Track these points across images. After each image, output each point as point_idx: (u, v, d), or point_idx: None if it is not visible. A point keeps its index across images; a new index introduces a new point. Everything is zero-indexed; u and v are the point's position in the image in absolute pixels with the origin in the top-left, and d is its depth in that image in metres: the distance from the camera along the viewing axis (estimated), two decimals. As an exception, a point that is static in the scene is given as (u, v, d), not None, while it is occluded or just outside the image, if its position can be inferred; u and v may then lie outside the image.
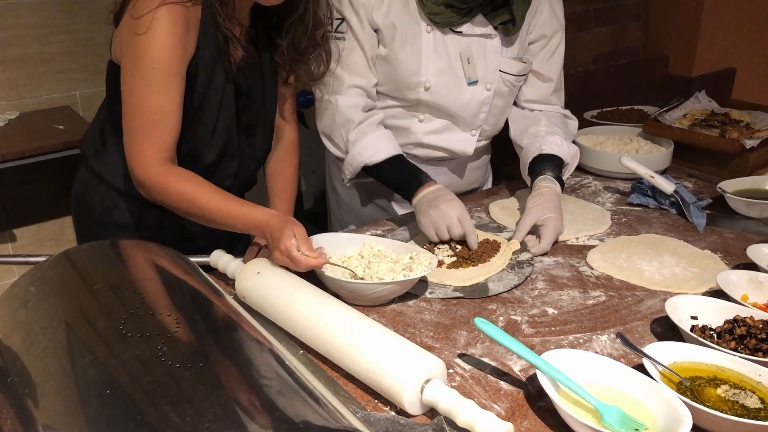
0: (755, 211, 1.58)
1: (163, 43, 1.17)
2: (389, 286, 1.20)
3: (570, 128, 1.72)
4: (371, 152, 1.50)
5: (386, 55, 1.53)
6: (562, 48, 1.68)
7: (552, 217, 1.45)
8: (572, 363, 0.96)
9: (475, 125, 1.64)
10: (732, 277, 1.22)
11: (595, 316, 1.20)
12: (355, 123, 1.53)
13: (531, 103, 1.72)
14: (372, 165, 1.50)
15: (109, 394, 0.65)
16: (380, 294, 1.21)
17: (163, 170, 1.24)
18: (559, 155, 1.58)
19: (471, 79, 1.56)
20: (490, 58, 1.56)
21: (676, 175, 1.86)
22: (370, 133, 1.52)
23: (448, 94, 1.56)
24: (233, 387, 0.66)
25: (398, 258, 1.29)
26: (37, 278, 0.89)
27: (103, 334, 0.75)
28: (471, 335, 1.14)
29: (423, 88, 1.54)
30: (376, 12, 1.49)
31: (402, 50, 1.51)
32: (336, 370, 1.04)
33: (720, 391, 0.96)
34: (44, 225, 2.89)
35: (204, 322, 0.80)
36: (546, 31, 1.63)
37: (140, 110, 1.22)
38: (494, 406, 0.97)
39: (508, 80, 1.61)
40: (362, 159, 1.51)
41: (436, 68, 1.53)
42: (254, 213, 1.24)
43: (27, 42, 2.59)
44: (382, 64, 1.55)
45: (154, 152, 1.23)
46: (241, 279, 1.19)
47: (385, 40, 1.52)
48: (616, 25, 2.98)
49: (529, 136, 1.64)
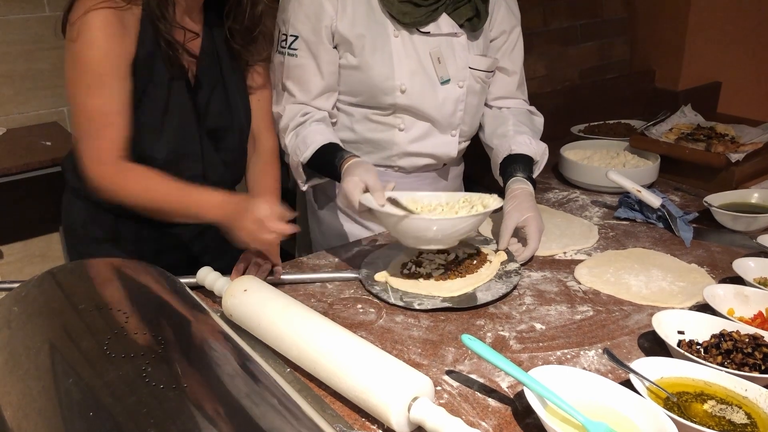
0: (741, 225, 1.59)
1: (96, 46, 1.19)
2: (473, 219, 1.29)
3: (537, 125, 1.77)
4: (303, 149, 1.50)
5: (358, 64, 1.54)
6: (521, 41, 1.75)
7: (531, 216, 1.46)
8: (560, 379, 0.96)
9: (453, 125, 1.66)
10: (718, 291, 1.23)
11: (582, 331, 1.21)
12: (294, 127, 1.54)
13: (498, 100, 1.77)
14: (307, 162, 1.50)
15: (92, 416, 0.64)
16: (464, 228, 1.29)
17: (117, 169, 1.25)
18: (528, 154, 1.61)
19: (443, 78, 1.59)
20: (459, 56, 1.60)
21: (663, 188, 1.87)
22: (302, 132, 1.52)
23: (423, 95, 1.57)
24: (217, 408, 0.66)
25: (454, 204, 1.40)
26: (21, 298, 0.88)
27: (88, 355, 0.74)
28: (459, 351, 1.14)
29: (399, 92, 1.55)
30: (341, 23, 1.50)
31: (373, 57, 1.53)
32: (323, 389, 1.04)
33: (707, 406, 0.96)
34: (31, 242, 2.88)
35: (189, 342, 0.80)
36: (505, 27, 1.69)
37: (84, 114, 1.23)
38: (482, 423, 0.97)
39: (479, 76, 1.65)
40: (298, 159, 1.51)
41: (409, 70, 1.54)
42: (212, 195, 1.25)
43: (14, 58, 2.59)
44: (355, 74, 1.56)
45: (104, 154, 1.24)
46: (227, 297, 1.19)
47: (355, 49, 1.53)
48: (602, 40, 3.00)
49: (498, 137, 1.68)
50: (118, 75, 1.22)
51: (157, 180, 1.26)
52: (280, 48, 1.55)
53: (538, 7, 2.74)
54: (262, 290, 1.18)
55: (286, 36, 1.53)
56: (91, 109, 1.22)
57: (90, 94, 1.21)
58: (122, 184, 1.25)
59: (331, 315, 1.26)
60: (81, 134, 1.25)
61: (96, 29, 1.18)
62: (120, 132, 1.25)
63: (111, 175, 1.25)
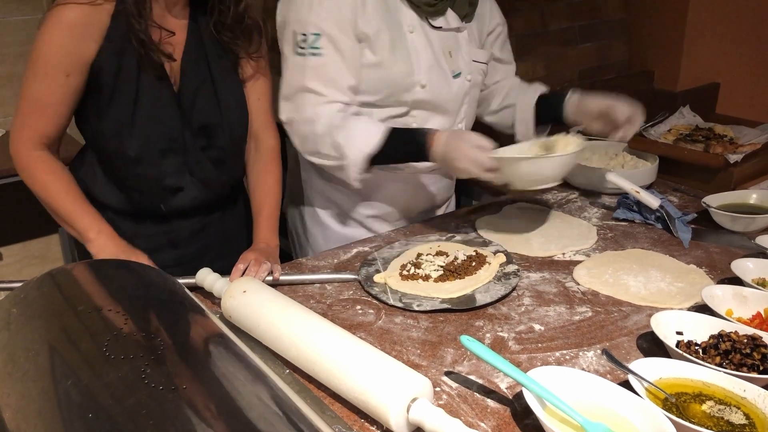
0: (740, 226, 1.59)
1: (52, 40, 1.24)
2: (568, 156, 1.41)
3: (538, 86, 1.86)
4: (365, 140, 1.46)
5: (378, 61, 1.50)
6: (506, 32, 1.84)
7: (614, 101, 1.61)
8: (558, 380, 0.96)
9: (460, 118, 1.68)
10: (717, 292, 1.23)
11: (581, 332, 1.21)
12: (336, 126, 1.48)
13: (498, 84, 1.88)
14: (374, 152, 1.46)
15: (92, 417, 0.64)
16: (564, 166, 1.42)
17: (35, 155, 1.32)
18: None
19: (455, 72, 1.61)
20: (464, 50, 1.63)
21: (662, 189, 1.88)
22: (354, 126, 1.48)
23: (441, 90, 1.58)
24: (216, 410, 0.66)
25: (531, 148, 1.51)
26: (20, 299, 0.88)
27: (87, 356, 0.74)
28: (458, 352, 1.14)
29: (419, 87, 1.54)
30: (360, 19, 1.47)
31: (392, 54, 1.51)
32: (322, 390, 1.04)
33: (705, 407, 0.96)
34: (30, 243, 2.88)
35: (188, 343, 0.80)
36: (498, 20, 1.78)
37: (25, 96, 1.30)
38: (481, 424, 0.97)
39: (481, 69, 1.70)
40: (363, 152, 1.46)
41: (427, 65, 1.55)
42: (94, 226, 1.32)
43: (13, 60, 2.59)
44: (374, 71, 1.52)
45: (29, 135, 1.31)
46: (227, 298, 1.19)
47: (375, 46, 1.49)
48: (601, 41, 3.00)
49: (513, 93, 1.82)
50: (65, 71, 1.26)
51: (57, 183, 1.32)
52: (299, 50, 1.47)
53: (537, 9, 2.74)
54: (261, 291, 1.18)
55: (305, 35, 1.46)
56: (29, 94, 1.29)
57: (33, 80, 1.28)
58: (30, 171, 1.32)
59: (330, 316, 1.26)
60: (17, 110, 1.31)
61: (55, 24, 1.23)
62: (49, 123, 1.31)
63: (24, 159, 1.32)
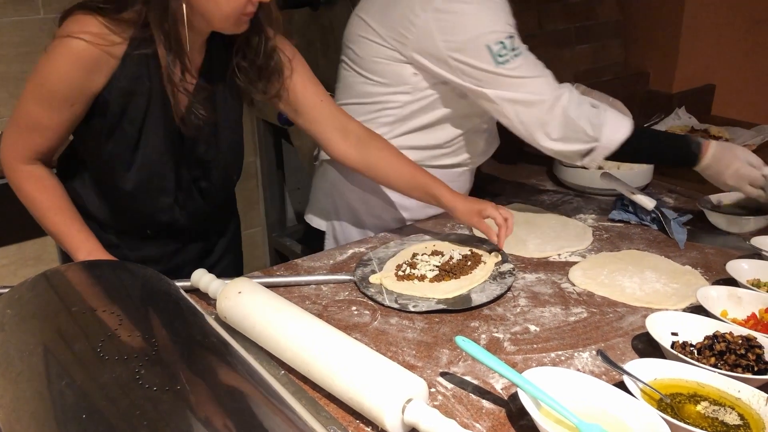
0: (735, 227, 1.60)
1: (60, 70, 1.20)
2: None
3: None
4: (616, 127, 1.52)
5: None
6: None
7: None
8: (553, 381, 0.96)
9: None
10: (712, 293, 1.23)
11: (576, 333, 1.21)
12: (590, 105, 1.52)
13: None
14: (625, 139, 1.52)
15: (86, 418, 0.64)
16: None
17: (26, 170, 1.30)
18: None
19: None
20: None
21: (657, 191, 1.88)
22: (605, 110, 1.54)
23: None
24: (211, 411, 0.66)
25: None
26: (15, 300, 0.88)
27: (81, 357, 0.74)
28: (453, 353, 1.14)
29: None
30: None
31: None
32: (317, 391, 1.04)
33: (700, 407, 0.96)
34: (25, 244, 2.86)
35: (183, 344, 0.79)
36: None
37: (21, 111, 1.27)
38: (476, 425, 0.97)
39: None
40: (617, 137, 1.51)
41: None
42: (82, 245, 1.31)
43: (8, 61, 2.58)
44: None
45: (22, 150, 1.29)
46: (222, 299, 1.19)
47: None
48: (597, 42, 3.00)
49: None
50: (70, 101, 1.23)
51: (47, 203, 1.31)
52: (499, 58, 1.45)
53: (533, 10, 2.74)
54: (257, 292, 1.17)
55: (502, 43, 1.45)
56: (27, 112, 1.26)
57: (34, 103, 1.24)
58: (19, 183, 1.31)
59: (326, 317, 1.26)
60: (11, 122, 1.28)
61: (65, 54, 1.19)
62: (44, 143, 1.29)
63: (14, 173, 1.31)
